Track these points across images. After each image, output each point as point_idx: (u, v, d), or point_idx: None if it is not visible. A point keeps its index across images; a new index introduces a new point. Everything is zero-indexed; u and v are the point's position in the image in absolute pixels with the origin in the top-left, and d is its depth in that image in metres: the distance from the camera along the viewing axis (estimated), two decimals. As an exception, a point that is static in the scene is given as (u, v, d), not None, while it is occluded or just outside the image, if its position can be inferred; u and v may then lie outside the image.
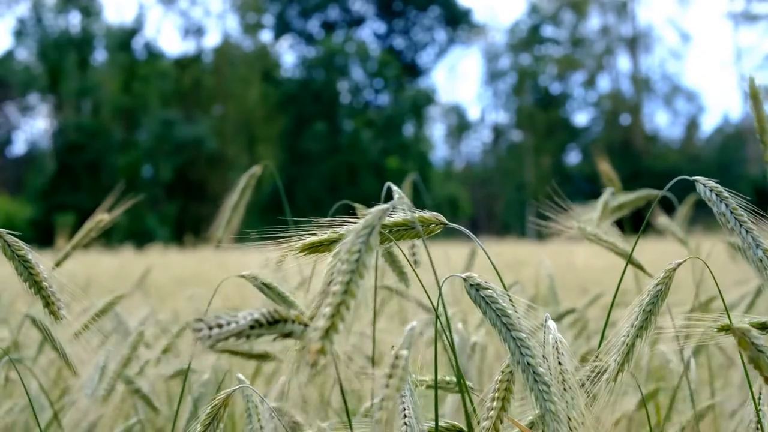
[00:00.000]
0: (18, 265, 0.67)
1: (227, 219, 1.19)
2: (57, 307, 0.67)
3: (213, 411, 0.64)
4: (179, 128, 22.91)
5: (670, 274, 0.67)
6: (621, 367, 0.65)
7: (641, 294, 0.67)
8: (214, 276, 4.66)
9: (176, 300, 2.74)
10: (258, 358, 0.99)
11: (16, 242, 0.67)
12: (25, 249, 0.67)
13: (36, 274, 0.67)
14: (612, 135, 26.17)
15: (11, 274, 0.68)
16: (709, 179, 0.67)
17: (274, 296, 0.80)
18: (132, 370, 1.14)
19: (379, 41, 27.89)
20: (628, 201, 1.17)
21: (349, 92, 25.97)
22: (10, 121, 25.27)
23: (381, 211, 0.49)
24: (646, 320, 0.65)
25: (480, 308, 0.57)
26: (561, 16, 28.04)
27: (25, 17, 24.54)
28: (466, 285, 0.58)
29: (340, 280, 0.45)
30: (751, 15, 26.52)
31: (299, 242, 0.60)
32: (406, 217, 0.61)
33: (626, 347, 0.65)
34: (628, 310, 0.66)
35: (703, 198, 0.66)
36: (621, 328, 0.66)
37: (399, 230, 0.61)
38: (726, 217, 0.64)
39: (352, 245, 0.46)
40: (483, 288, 0.57)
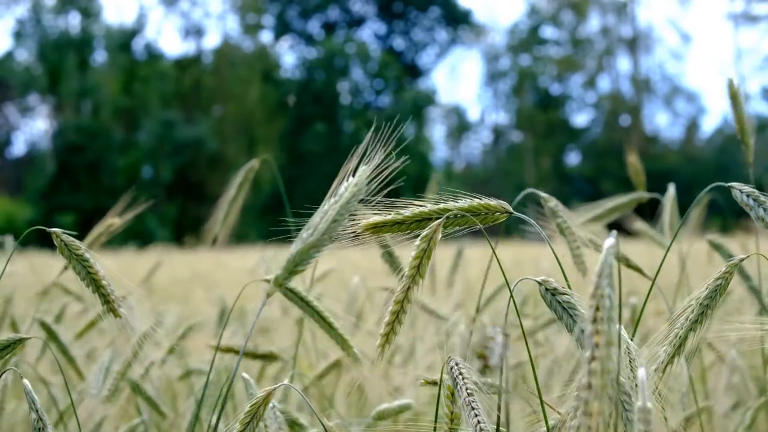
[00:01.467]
0: (75, 264, 0.67)
1: (224, 215, 1.17)
2: (117, 305, 0.68)
3: (253, 409, 0.63)
4: (179, 129, 22.90)
5: (731, 269, 0.65)
6: (671, 359, 0.63)
7: (699, 288, 0.65)
8: (214, 277, 4.66)
9: (178, 301, 2.75)
10: (263, 358, 0.99)
11: (73, 242, 0.68)
12: (83, 248, 0.68)
13: (95, 273, 0.68)
14: (612, 136, 26.16)
15: (7, 274, 0.68)
16: (744, 185, 0.65)
17: (297, 301, 0.80)
18: (137, 371, 1.14)
19: (379, 42, 27.90)
20: (620, 205, 1.16)
21: (350, 93, 25.97)
22: (9, 121, 25.27)
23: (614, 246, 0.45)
24: (702, 314, 0.64)
25: (556, 314, 0.56)
26: (561, 17, 28.05)
27: (24, 18, 24.55)
28: (541, 289, 0.56)
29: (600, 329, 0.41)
30: (751, 16, 26.52)
31: (363, 221, 0.59)
32: (473, 203, 0.60)
33: (679, 339, 0.64)
34: (684, 304, 0.65)
35: (739, 203, 0.65)
36: (675, 320, 0.64)
37: (464, 216, 0.60)
38: (765, 222, 0.63)
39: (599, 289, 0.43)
40: (560, 293, 0.56)
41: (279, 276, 0.57)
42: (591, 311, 0.42)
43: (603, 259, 0.43)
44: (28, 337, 0.72)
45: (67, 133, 23.23)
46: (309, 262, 0.57)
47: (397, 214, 0.60)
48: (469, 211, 0.60)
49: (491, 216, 0.61)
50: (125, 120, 24.17)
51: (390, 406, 0.92)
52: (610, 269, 0.43)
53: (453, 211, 0.60)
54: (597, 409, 0.40)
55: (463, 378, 0.60)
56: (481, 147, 29.33)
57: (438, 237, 0.58)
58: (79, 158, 22.41)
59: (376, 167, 0.59)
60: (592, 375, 0.41)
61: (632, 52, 27.80)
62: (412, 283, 0.58)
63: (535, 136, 26.59)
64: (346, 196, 0.58)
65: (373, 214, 0.60)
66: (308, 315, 0.81)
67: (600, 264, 0.43)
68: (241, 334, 1.49)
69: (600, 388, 0.40)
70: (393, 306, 0.58)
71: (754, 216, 0.64)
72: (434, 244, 0.58)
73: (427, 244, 0.58)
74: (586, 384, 0.41)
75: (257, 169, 1.17)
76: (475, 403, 0.58)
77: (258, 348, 1.01)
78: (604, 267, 0.43)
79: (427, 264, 0.58)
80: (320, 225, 0.57)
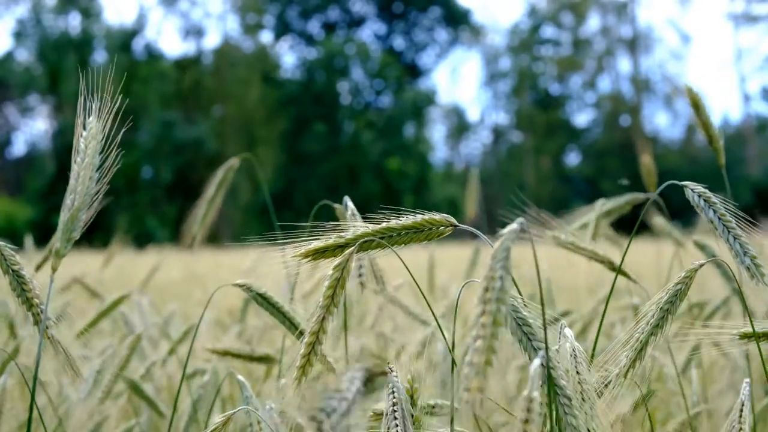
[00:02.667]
0: (12, 279, 0.65)
1: (203, 214, 1.14)
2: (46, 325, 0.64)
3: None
4: (179, 129, 22.89)
5: (691, 273, 0.65)
6: (632, 363, 0.63)
7: (660, 292, 0.65)
8: (214, 277, 4.65)
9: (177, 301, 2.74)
10: (259, 360, 0.99)
11: (11, 256, 0.65)
12: (20, 264, 0.64)
13: (29, 290, 0.64)
14: (612, 136, 26.16)
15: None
16: (699, 184, 0.65)
17: (269, 307, 0.78)
18: (137, 372, 1.14)
19: (379, 42, 27.89)
20: (617, 206, 1.16)
21: (350, 93, 25.96)
22: (9, 122, 25.27)
23: (514, 232, 0.47)
24: (662, 319, 0.64)
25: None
26: (561, 17, 28.05)
27: (24, 18, 24.54)
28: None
29: (487, 309, 0.43)
30: (751, 16, 26.52)
31: (303, 248, 0.58)
32: (416, 220, 0.59)
33: (639, 344, 0.64)
34: (645, 308, 0.65)
35: (691, 203, 0.65)
36: (637, 325, 0.64)
37: (408, 233, 0.59)
38: (714, 224, 0.63)
39: (491, 271, 0.44)
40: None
41: (60, 248, 0.57)
42: (481, 292, 0.43)
43: (499, 243, 0.45)
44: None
45: (66, 133, 23.21)
46: (80, 225, 0.58)
47: (339, 237, 0.58)
48: (413, 227, 0.59)
49: (436, 231, 0.59)
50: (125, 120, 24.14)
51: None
52: (505, 253, 0.44)
53: (396, 230, 0.59)
54: (476, 385, 0.41)
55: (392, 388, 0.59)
56: (481, 147, 29.35)
57: (351, 266, 0.57)
58: (79, 158, 22.41)
59: (104, 118, 0.58)
60: (475, 353, 0.42)
61: (632, 53, 27.80)
62: (326, 313, 0.56)
63: (535, 137, 26.58)
64: (89, 153, 0.57)
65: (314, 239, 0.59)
66: (279, 322, 0.79)
67: (495, 247, 0.45)
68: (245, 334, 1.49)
69: (481, 366, 0.41)
70: (308, 338, 0.56)
71: (705, 217, 0.64)
72: (348, 273, 0.56)
73: (341, 273, 0.56)
74: (468, 361, 0.42)
75: (254, 168, 1.16)
76: (397, 414, 0.58)
77: (254, 351, 1.01)
78: (498, 250, 0.45)
79: (341, 293, 0.56)
80: (78, 187, 0.57)
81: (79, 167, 0.57)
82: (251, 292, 0.77)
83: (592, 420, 0.54)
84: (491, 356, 0.42)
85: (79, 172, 0.57)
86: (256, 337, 1.56)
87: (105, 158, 0.58)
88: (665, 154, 24.25)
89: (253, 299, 0.78)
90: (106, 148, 0.58)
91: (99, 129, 0.57)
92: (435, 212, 0.60)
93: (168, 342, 1.37)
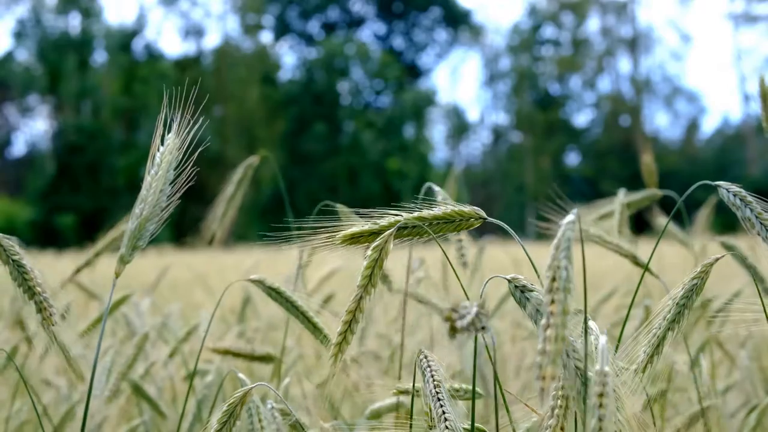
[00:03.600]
0: (12, 269, 0.65)
1: (222, 212, 1.14)
2: (49, 313, 0.65)
3: (230, 408, 0.63)
4: (179, 129, 22.89)
5: (707, 268, 0.65)
6: (650, 359, 0.64)
7: (675, 287, 0.65)
8: (213, 278, 4.65)
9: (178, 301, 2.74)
10: (261, 359, 0.99)
11: (11, 246, 0.65)
12: (20, 254, 0.65)
13: (30, 279, 0.65)
14: (612, 136, 26.17)
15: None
16: (732, 184, 0.65)
17: (283, 302, 0.79)
18: (138, 371, 1.15)
19: (379, 42, 27.90)
20: (633, 201, 1.17)
21: (350, 93, 25.97)
22: (9, 122, 25.27)
23: (572, 222, 0.47)
24: (678, 314, 0.64)
25: (525, 311, 0.56)
26: (561, 17, 28.05)
27: (24, 18, 24.55)
28: (510, 286, 0.56)
29: (555, 298, 0.43)
30: (751, 16, 26.53)
31: (341, 233, 0.59)
32: (446, 211, 0.60)
33: (657, 339, 0.64)
34: (661, 304, 0.65)
35: (726, 202, 0.65)
36: (653, 320, 0.64)
37: (438, 224, 0.60)
38: (751, 222, 0.63)
39: (555, 260, 0.45)
40: (528, 290, 0.56)
41: (124, 254, 0.58)
42: (547, 282, 0.44)
43: (561, 234, 0.45)
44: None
45: (67, 133, 23.23)
46: (148, 236, 0.59)
47: (374, 224, 0.59)
48: (444, 218, 0.60)
49: (465, 222, 0.60)
50: (125, 120, 24.17)
51: (383, 404, 0.92)
52: (568, 243, 0.45)
53: (427, 219, 0.59)
54: (550, 373, 0.42)
55: (431, 371, 0.60)
56: (481, 147, 29.36)
57: (390, 247, 0.58)
58: (79, 159, 22.42)
59: (183, 135, 0.60)
60: (547, 341, 0.42)
61: (632, 53, 27.81)
62: (364, 292, 0.57)
63: (535, 137, 26.59)
64: (164, 166, 0.59)
65: (351, 224, 0.60)
66: (292, 315, 0.79)
67: (557, 238, 0.45)
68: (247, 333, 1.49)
69: (554, 354, 0.42)
70: (345, 316, 0.58)
71: (740, 216, 0.64)
72: (386, 254, 0.58)
73: (379, 254, 0.57)
74: (541, 349, 0.42)
75: (257, 167, 1.15)
76: (441, 395, 0.58)
77: (255, 350, 1.01)
78: (561, 240, 0.45)
79: (379, 274, 0.57)
80: (149, 198, 0.59)
81: (152, 179, 0.58)
82: (265, 287, 0.78)
83: (620, 413, 0.54)
84: (562, 345, 0.43)
85: (151, 183, 0.58)
86: (258, 337, 1.56)
87: (179, 174, 0.59)
88: (665, 154, 24.27)
89: (267, 294, 0.79)
90: (181, 164, 0.59)
91: (176, 145, 0.59)
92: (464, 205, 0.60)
93: (169, 342, 1.37)
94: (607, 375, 0.46)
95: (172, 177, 0.60)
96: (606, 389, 0.46)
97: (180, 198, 0.63)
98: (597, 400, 0.46)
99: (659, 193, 1.16)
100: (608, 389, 0.46)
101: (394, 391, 0.70)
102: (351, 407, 1.35)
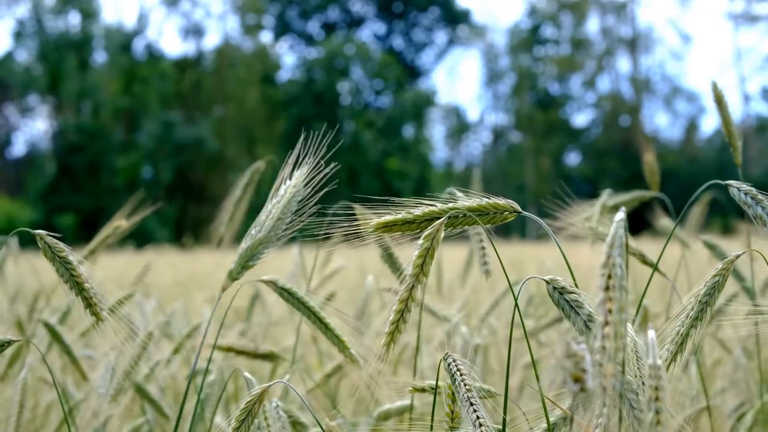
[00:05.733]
0: (59, 266, 0.67)
1: (229, 216, 1.16)
2: (99, 308, 0.67)
3: (248, 406, 0.63)
4: (179, 129, 22.90)
5: (728, 265, 0.65)
6: (674, 356, 0.63)
7: (698, 284, 0.65)
8: (213, 278, 4.65)
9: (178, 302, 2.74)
10: (263, 357, 0.99)
11: (56, 244, 0.67)
12: (66, 250, 0.67)
13: (78, 275, 0.67)
14: (612, 136, 26.16)
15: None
16: (743, 183, 0.65)
17: (294, 302, 0.79)
18: (142, 371, 1.15)
19: (379, 42, 27.90)
20: (626, 201, 1.17)
21: (350, 93, 25.96)
22: (9, 122, 25.27)
23: (623, 219, 0.47)
24: (701, 311, 0.64)
25: (564, 312, 0.56)
26: (561, 17, 28.04)
27: (24, 18, 24.55)
28: (549, 288, 0.56)
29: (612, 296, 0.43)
30: (751, 16, 26.53)
31: (374, 220, 0.60)
32: (481, 203, 0.60)
33: (680, 337, 0.64)
34: (684, 301, 0.65)
35: (737, 201, 0.65)
36: (676, 318, 0.64)
37: (470, 216, 0.60)
38: (763, 219, 0.63)
39: (610, 258, 0.44)
40: (568, 292, 0.56)
41: (233, 270, 0.60)
42: (603, 279, 0.44)
43: (613, 231, 0.45)
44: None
45: (67, 133, 23.23)
46: (259, 257, 0.60)
47: (408, 213, 0.59)
48: (478, 210, 0.60)
49: (500, 215, 0.60)
50: (125, 120, 24.17)
51: (392, 407, 0.92)
52: (621, 240, 0.45)
53: (462, 210, 0.59)
54: (611, 371, 0.42)
55: (461, 374, 0.60)
56: (481, 147, 29.35)
57: (441, 236, 0.58)
58: (79, 159, 22.42)
59: (311, 170, 0.62)
60: (606, 339, 0.42)
61: (632, 53, 27.81)
62: (416, 282, 0.57)
63: (535, 137, 26.59)
64: (287, 197, 0.61)
65: (383, 213, 0.60)
66: (304, 315, 0.80)
67: (611, 235, 0.45)
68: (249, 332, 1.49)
69: (613, 351, 0.42)
70: (397, 305, 0.58)
71: (752, 214, 0.64)
72: (437, 243, 0.58)
73: (430, 243, 0.58)
74: (600, 347, 0.42)
75: (262, 169, 1.16)
76: (474, 399, 0.58)
77: (258, 347, 1.01)
78: (615, 238, 0.45)
79: (431, 263, 0.58)
80: (267, 222, 0.60)
81: (273, 206, 0.61)
82: (277, 288, 0.79)
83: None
84: (621, 342, 0.43)
85: (272, 210, 0.61)
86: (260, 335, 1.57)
87: (301, 207, 0.62)
88: (665, 154, 24.27)
89: (279, 294, 0.79)
90: (305, 200, 0.62)
91: (302, 180, 0.62)
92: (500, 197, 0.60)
93: (171, 342, 1.37)
94: (660, 368, 0.46)
95: (293, 208, 0.62)
96: (661, 383, 0.46)
97: (180, 197, 0.64)
98: (653, 393, 0.46)
99: (647, 195, 1.16)
100: (663, 383, 0.46)
101: (410, 389, 0.70)
102: (356, 406, 1.36)
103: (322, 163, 0.62)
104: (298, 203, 0.61)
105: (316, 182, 0.61)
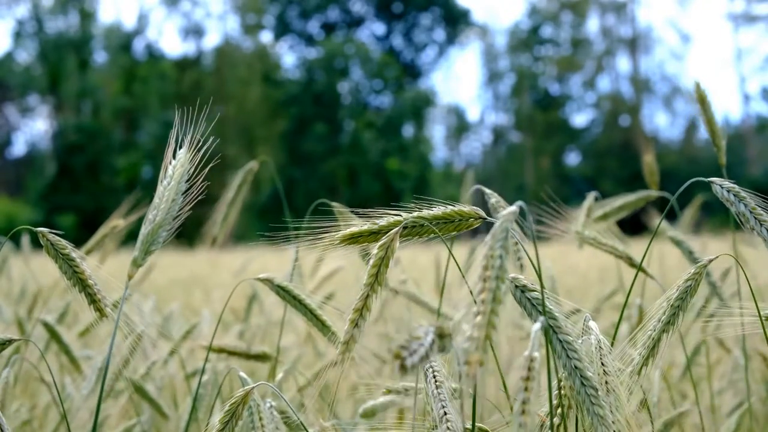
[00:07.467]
0: (62, 263, 0.67)
1: (223, 216, 1.16)
2: (103, 304, 0.67)
3: (232, 408, 0.63)
4: (179, 129, 22.89)
5: (700, 270, 0.65)
6: (645, 361, 0.63)
7: (670, 289, 0.65)
8: (213, 278, 4.65)
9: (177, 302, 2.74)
10: (256, 358, 0.99)
11: (59, 241, 0.67)
12: (69, 248, 0.67)
13: (81, 272, 0.67)
14: (612, 136, 26.17)
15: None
16: (725, 180, 0.65)
17: (291, 300, 0.80)
18: (139, 371, 1.15)
19: (378, 42, 27.89)
20: (628, 202, 1.17)
21: (349, 93, 25.97)
22: (9, 122, 25.27)
23: (512, 213, 0.48)
24: (673, 315, 0.64)
25: (525, 310, 0.56)
26: (561, 17, 28.05)
27: (24, 18, 24.55)
28: (510, 286, 0.56)
29: (486, 287, 0.44)
30: (751, 16, 26.53)
31: (340, 233, 0.60)
32: (446, 211, 0.60)
33: (652, 341, 0.64)
34: (655, 306, 0.65)
35: (720, 199, 0.65)
36: (648, 322, 0.64)
37: (438, 224, 0.60)
38: (746, 217, 0.63)
39: (491, 250, 0.45)
40: (529, 290, 0.56)
41: (137, 257, 0.61)
42: (480, 270, 0.44)
43: (499, 224, 0.46)
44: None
45: (67, 133, 23.24)
46: (160, 241, 0.61)
47: (373, 224, 0.60)
48: (443, 218, 0.60)
49: (465, 222, 0.60)
50: (125, 120, 24.18)
51: (376, 403, 0.92)
52: (505, 233, 0.45)
53: (426, 219, 0.59)
54: (476, 359, 0.42)
55: (432, 371, 0.60)
56: (481, 147, 29.36)
57: (395, 245, 0.58)
58: (79, 159, 22.42)
59: (194, 148, 0.63)
60: (476, 328, 0.43)
61: (632, 53, 27.81)
62: (370, 291, 0.57)
63: (535, 137, 26.59)
64: (176, 176, 0.62)
65: (350, 224, 0.60)
66: (300, 313, 0.81)
67: (494, 228, 0.46)
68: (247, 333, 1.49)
69: (481, 340, 0.42)
70: (351, 314, 0.58)
71: (735, 211, 0.64)
72: (392, 253, 0.58)
73: (385, 252, 0.58)
74: (470, 336, 0.43)
75: (257, 169, 1.17)
76: (442, 395, 0.58)
77: (250, 348, 1.01)
78: (498, 230, 0.46)
79: (385, 272, 0.58)
80: (162, 205, 0.61)
81: (165, 189, 0.62)
82: (273, 286, 0.79)
83: (618, 412, 0.54)
84: (491, 331, 0.43)
85: (164, 193, 0.62)
86: (258, 336, 1.57)
87: (190, 186, 0.64)
88: (664, 154, 24.27)
89: (275, 292, 0.79)
90: (193, 177, 0.64)
91: (187, 159, 0.64)
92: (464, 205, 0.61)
93: (169, 342, 1.37)
94: (535, 360, 0.46)
95: (183, 189, 0.64)
96: (532, 374, 0.46)
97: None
98: (524, 384, 0.46)
99: (653, 195, 1.16)
100: (534, 373, 0.46)
101: (384, 390, 0.70)
102: (345, 405, 1.35)
103: (200, 140, 0.63)
104: (186, 183, 0.62)
105: (200, 159, 0.63)
